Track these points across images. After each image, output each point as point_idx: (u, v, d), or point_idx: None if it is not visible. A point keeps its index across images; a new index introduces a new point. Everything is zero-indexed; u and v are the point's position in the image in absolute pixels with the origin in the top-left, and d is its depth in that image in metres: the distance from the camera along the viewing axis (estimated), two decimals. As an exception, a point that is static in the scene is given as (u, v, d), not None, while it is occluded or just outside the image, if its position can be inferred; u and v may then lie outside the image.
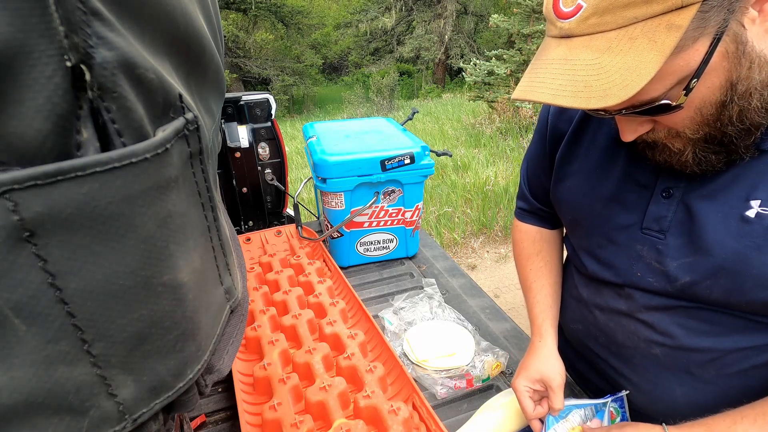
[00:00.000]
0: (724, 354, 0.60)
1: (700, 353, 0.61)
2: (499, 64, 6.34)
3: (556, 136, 0.74)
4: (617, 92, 0.43)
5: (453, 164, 4.83)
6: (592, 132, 0.68)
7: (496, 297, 2.72)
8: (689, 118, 0.50)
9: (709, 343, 0.60)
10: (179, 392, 0.31)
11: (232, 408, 0.83)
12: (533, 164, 0.82)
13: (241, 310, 0.42)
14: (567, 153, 0.72)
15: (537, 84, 0.49)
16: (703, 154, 0.53)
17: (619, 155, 0.65)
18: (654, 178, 0.61)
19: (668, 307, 0.62)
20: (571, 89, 0.46)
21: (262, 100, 1.35)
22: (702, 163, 0.54)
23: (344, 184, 1.13)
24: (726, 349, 0.60)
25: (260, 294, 1.07)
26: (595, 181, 0.67)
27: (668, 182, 0.60)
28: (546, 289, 0.81)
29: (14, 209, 0.21)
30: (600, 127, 0.68)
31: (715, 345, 0.60)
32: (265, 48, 14.50)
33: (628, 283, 0.66)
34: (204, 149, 0.32)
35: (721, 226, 0.55)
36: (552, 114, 0.74)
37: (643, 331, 0.65)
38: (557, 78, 0.47)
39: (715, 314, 0.59)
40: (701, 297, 0.59)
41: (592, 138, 0.68)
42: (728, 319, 0.59)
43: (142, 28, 0.26)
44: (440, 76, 15.05)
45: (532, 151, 0.82)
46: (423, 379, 0.87)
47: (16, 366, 0.23)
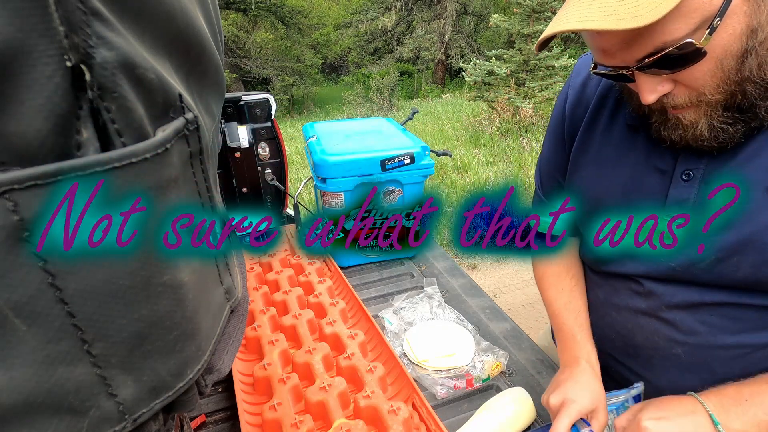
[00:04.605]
0: (751, 350, 0.59)
1: (725, 350, 0.60)
2: (499, 64, 6.34)
3: (574, 125, 0.73)
4: (646, 13, 0.43)
5: (453, 164, 4.83)
6: (607, 119, 0.68)
7: (496, 297, 2.72)
8: (710, 72, 0.49)
9: (735, 339, 0.59)
10: (179, 392, 0.31)
11: (232, 408, 0.83)
12: (548, 166, 0.80)
13: (241, 310, 0.42)
14: (582, 142, 0.71)
15: (563, 18, 0.49)
16: (720, 126, 0.53)
17: (635, 142, 0.64)
18: (673, 162, 0.61)
19: (691, 304, 0.61)
20: (600, 14, 0.46)
21: (262, 100, 1.35)
22: (719, 135, 0.53)
23: (344, 184, 1.13)
24: (753, 345, 0.59)
25: (260, 294, 1.07)
26: (612, 169, 0.67)
27: (688, 164, 0.59)
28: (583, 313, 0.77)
29: (14, 209, 0.21)
30: (616, 114, 0.67)
31: (741, 341, 0.59)
32: (265, 48, 14.50)
33: (649, 274, 0.64)
34: (204, 149, 0.32)
35: (745, 200, 0.54)
36: (569, 104, 0.74)
37: (665, 331, 0.64)
38: (584, 9, 0.47)
39: (739, 310, 0.59)
40: (727, 277, 0.58)
41: (608, 125, 0.68)
42: (754, 314, 0.58)
43: (142, 28, 0.26)
44: (440, 76, 15.05)
45: (546, 152, 0.80)
46: (423, 379, 0.87)
47: (16, 366, 0.23)
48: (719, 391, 0.58)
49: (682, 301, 0.62)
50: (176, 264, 0.28)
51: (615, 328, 0.71)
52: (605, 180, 0.67)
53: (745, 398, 0.56)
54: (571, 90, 0.74)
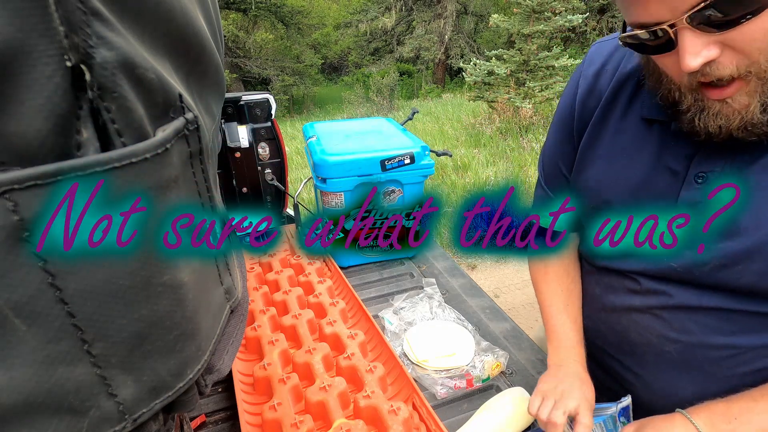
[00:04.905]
0: (740, 351, 0.59)
1: (717, 350, 0.60)
2: (499, 64, 6.35)
3: (584, 117, 0.69)
4: None
5: (453, 164, 4.83)
6: (620, 114, 0.64)
7: (496, 297, 2.72)
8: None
9: (727, 340, 0.59)
10: (179, 392, 0.31)
11: (232, 408, 0.83)
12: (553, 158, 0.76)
13: (241, 310, 0.42)
14: (592, 136, 0.68)
15: None
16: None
17: (649, 140, 0.61)
18: (687, 164, 0.57)
19: (688, 306, 0.61)
20: None
21: (262, 100, 1.35)
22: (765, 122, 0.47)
23: (344, 184, 1.13)
24: (743, 346, 0.59)
25: (260, 294, 1.07)
26: (623, 167, 0.64)
27: (702, 167, 0.56)
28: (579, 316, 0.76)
29: (14, 209, 0.21)
30: (631, 106, 0.64)
31: (732, 342, 0.59)
32: (265, 48, 14.50)
33: (647, 272, 0.63)
34: (204, 149, 0.32)
35: (758, 207, 0.53)
36: (580, 94, 0.69)
37: (658, 328, 0.63)
38: None
39: (735, 314, 0.58)
40: (729, 283, 0.57)
41: (620, 121, 0.64)
42: (749, 318, 0.58)
43: (142, 28, 0.26)
44: (440, 76, 15.04)
45: (551, 143, 0.77)
46: (423, 379, 0.87)
47: (16, 366, 0.23)
48: (709, 408, 0.58)
49: (679, 301, 0.61)
50: (176, 264, 0.28)
51: (609, 324, 0.70)
52: (614, 178, 0.65)
53: (735, 416, 0.55)
54: (583, 80, 0.69)
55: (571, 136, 0.72)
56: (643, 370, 0.68)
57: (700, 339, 0.61)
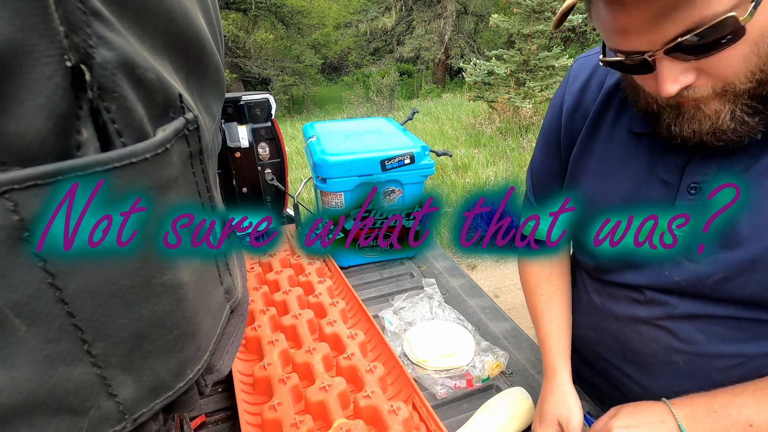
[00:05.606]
0: (748, 359, 0.59)
1: (723, 359, 0.60)
2: (499, 64, 6.35)
3: (572, 133, 0.70)
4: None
5: (453, 164, 4.83)
6: (609, 129, 0.65)
7: (496, 297, 2.72)
8: (744, 57, 0.44)
9: (733, 348, 0.59)
10: (179, 392, 0.31)
11: (232, 408, 0.83)
12: (541, 171, 0.77)
13: (241, 310, 0.42)
14: (582, 152, 0.68)
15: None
16: (741, 115, 0.48)
17: (639, 152, 0.61)
18: (679, 174, 0.58)
19: (693, 315, 0.60)
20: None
21: (262, 100, 1.35)
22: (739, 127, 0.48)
23: (344, 184, 1.13)
24: (750, 354, 0.59)
25: (260, 294, 1.07)
26: (614, 180, 0.64)
27: (695, 177, 0.56)
28: (558, 319, 0.77)
29: (14, 209, 0.21)
30: (618, 120, 0.64)
31: (739, 350, 0.59)
32: (265, 48, 14.49)
33: (651, 285, 0.63)
34: (204, 149, 0.32)
35: (756, 216, 0.53)
36: (566, 110, 0.70)
37: (664, 338, 0.63)
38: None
39: (741, 323, 0.58)
40: (733, 295, 0.56)
41: (609, 135, 0.65)
42: (754, 326, 0.58)
43: (142, 28, 0.26)
44: (440, 76, 15.04)
45: (538, 158, 0.77)
46: (423, 379, 0.87)
47: (16, 366, 0.23)
48: (692, 400, 0.58)
49: (683, 312, 0.61)
50: (176, 264, 0.28)
51: (613, 334, 0.70)
52: (606, 192, 0.65)
53: (715, 409, 0.56)
54: (568, 95, 0.70)
55: (558, 151, 0.73)
56: (649, 381, 0.67)
57: (707, 348, 0.60)
